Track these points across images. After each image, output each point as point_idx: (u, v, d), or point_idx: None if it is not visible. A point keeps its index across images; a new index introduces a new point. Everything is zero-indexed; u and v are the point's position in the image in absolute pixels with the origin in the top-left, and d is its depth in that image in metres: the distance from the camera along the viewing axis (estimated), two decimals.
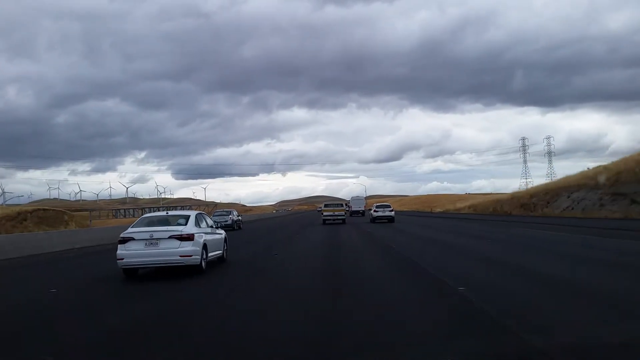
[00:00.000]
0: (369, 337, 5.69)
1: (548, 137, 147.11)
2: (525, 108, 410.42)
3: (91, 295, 9.59)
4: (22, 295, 10.05)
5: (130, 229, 11.20)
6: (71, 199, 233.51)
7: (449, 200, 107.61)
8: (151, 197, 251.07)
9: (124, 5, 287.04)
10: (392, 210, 38.47)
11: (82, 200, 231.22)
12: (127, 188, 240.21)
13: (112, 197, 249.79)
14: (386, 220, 36.76)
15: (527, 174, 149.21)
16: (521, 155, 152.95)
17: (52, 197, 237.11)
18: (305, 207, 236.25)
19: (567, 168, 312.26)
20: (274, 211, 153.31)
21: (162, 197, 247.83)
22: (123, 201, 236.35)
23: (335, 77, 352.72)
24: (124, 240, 10.76)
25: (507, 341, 5.24)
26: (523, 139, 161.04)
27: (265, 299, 8.34)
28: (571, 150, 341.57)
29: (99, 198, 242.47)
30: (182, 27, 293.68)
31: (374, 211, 38.32)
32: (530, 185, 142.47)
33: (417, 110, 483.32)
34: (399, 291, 8.54)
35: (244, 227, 38.03)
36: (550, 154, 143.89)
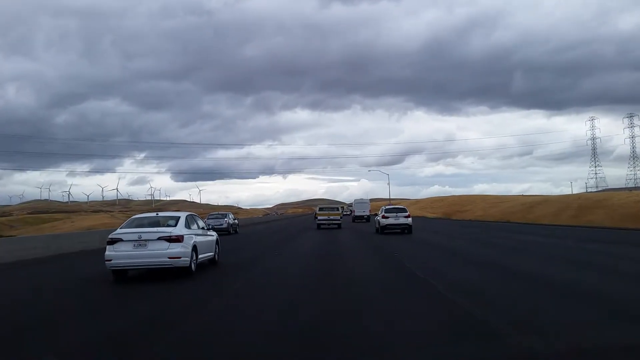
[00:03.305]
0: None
1: (631, 123, 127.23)
2: (531, 111, 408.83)
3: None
4: None
5: (119, 230, 11.04)
6: (64, 200, 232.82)
7: (489, 203, 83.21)
8: (147, 198, 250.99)
9: (124, 1, 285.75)
10: (408, 216, 26.97)
11: (71, 201, 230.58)
12: (117, 190, 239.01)
13: (105, 199, 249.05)
14: (399, 230, 26.66)
15: (597, 170, 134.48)
16: (589, 142, 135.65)
17: (43, 198, 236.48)
18: (301, 210, 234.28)
19: (572, 172, 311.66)
20: (262, 215, 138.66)
21: (155, 199, 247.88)
22: (113, 203, 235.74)
23: (339, 78, 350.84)
24: (113, 241, 10.61)
25: None
26: (592, 118, 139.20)
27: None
28: (575, 154, 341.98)
29: (91, 199, 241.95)
30: (184, 24, 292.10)
31: (383, 217, 26.92)
32: (601, 185, 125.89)
33: (421, 112, 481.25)
34: None
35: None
36: (635, 156, 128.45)
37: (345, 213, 41.82)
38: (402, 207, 29.22)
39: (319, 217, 36.47)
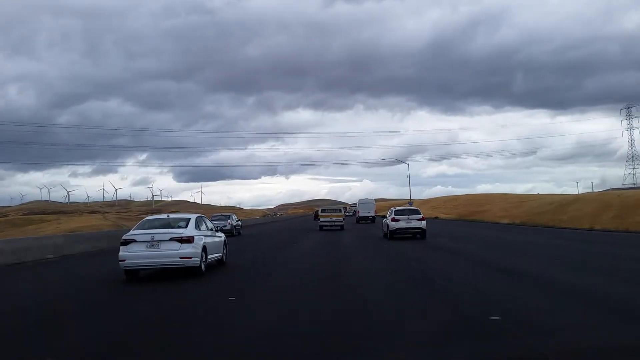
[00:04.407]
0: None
1: None
2: (535, 111, 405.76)
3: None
4: None
5: (132, 231, 11.49)
6: (64, 201, 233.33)
7: (510, 203, 70.98)
8: (148, 199, 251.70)
9: (126, 1, 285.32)
10: (422, 219, 23.71)
11: (71, 202, 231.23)
12: (116, 190, 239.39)
13: (106, 200, 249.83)
14: (411, 235, 23.58)
15: (635, 160, 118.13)
16: (627, 130, 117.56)
17: (43, 199, 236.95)
18: (302, 210, 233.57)
19: (575, 173, 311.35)
20: (262, 216, 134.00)
21: (157, 199, 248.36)
22: (113, 204, 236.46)
23: (342, 78, 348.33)
24: (126, 242, 11.04)
25: None
26: (628, 106, 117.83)
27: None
28: (578, 154, 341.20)
29: (92, 200, 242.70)
30: (186, 24, 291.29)
31: (392, 219, 23.54)
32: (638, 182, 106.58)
33: (424, 112, 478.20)
34: None
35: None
36: None
37: (347, 214, 41.29)
38: (415, 209, 25.82)
39: (322, 219, 36.50)
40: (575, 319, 6.77)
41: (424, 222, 23.57)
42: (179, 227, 11.64)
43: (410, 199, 61.78)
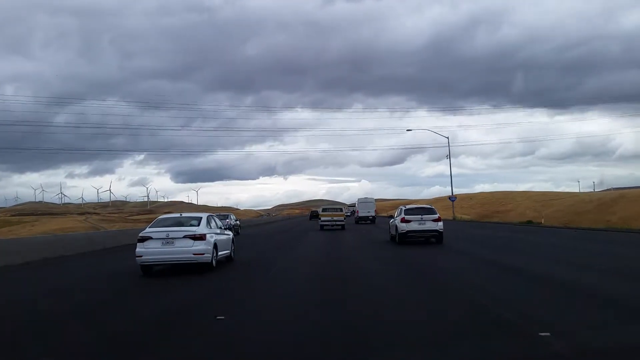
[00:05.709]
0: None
1: None
2: (535, 110, 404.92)
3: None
4: None
5: (148, 229, 12.18)
6: (58, 202, 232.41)
7: (536, 201, 62.77)
8: (144, 200, 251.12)
9: None
10: (438, 220, 20.17)
11: (65, 203, 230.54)
12: (110, 191, 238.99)
13: (101, 200, 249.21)
14: (424, 239, 20.53)
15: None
16: None
17: (37, 200, 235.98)
18: (298, 211, 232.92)
19: (573, 172, 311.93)
20: (256, 216, 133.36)
21: (152, 200, 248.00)
22: (106, 204, 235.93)
23: (342, 77, 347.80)
24: (143, 239, 11.74)
25: None
26: None
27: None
28: (577, 154, 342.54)
29: (87, 201, 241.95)
30: (184, 22, 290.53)
31: (402, 220, 20.07)
32: None
33: (424, 111, 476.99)
34: None
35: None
36: None
37: (346, 214, 41.42)
38: (430, 207, 21.32)
39: (322, 218, 36.90)
40: None
41: (440, 224, 20.03)
42: (192, 225, 12.36)
43: (452, 194, 52.02)
